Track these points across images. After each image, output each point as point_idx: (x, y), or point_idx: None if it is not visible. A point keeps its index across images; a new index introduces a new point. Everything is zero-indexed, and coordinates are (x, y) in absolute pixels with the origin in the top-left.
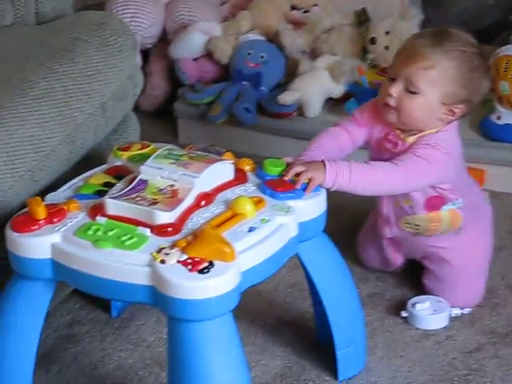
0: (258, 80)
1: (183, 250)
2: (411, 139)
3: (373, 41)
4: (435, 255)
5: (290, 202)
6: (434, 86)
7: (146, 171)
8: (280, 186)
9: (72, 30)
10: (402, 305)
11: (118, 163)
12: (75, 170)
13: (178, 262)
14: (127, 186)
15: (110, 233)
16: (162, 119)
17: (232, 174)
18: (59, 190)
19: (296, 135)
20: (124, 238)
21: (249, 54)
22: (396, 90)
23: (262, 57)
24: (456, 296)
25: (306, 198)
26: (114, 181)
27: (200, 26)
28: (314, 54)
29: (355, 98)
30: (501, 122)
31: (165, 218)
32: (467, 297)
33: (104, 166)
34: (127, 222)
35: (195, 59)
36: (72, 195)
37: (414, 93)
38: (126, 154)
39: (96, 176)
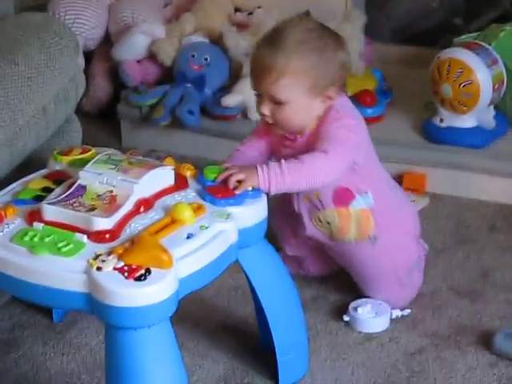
0: (201, 82)
1: (120, 257)
2: (308, 128)
3: None
4: (353, 266)
5: (230, 209)
6: (294, 90)
7: (85, 176)
8: (220, 193)
9: (12, 31)
10: (344, 308)
11: (58, 168)
12: (16, 173)
13: (115, 269)
14: (66, 192)
15: (47, 239)
16: (105, 121)
17: (172, 179)
18: None
19: (240, 138)
20: (61, 244)
21: (192, 56)
22: (266, 108)
23: (206, 59)
24: (383, 299)
25: (246, 204)
26: (53, 186)
27: (143, 27)
28: None
29: None
30: (443, 125)
31: (102, 224)
32: (395, 301)
33: (44, 171)
34: (65, 228)
35: (138, 61)
36: (10, 200)
37: (281, 103)
38: (66, 159)
39: (35, 181)
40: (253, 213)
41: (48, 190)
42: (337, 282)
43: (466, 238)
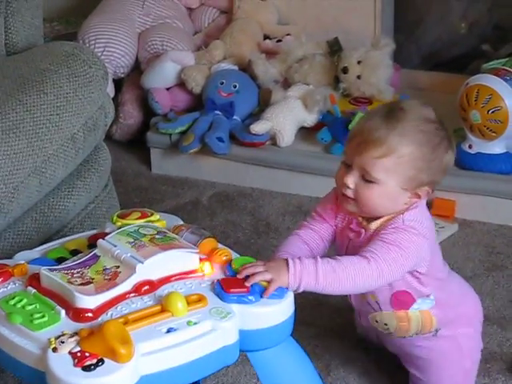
0: (230, 109)
1: (80, 342)
2: (374, 225)
3: (345, 70)
4: (414, 356)
5: (236, 307)
6: (392, 174)
7: (102, 246)
8: (232, 286)
9: (42, 60)
10: None
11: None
12: (46, 200)
13: (70, 353)
14: (81, 259)
15: (29, 307)
16: (135, 149)
17: (195, 264)
18: (33, 250)
19: (269, 164)
20: (36, 315)
21: (221, 83)
22: (352, 180)
23: (235, 86)
24: None
25: (257, 304)
26: (85, 249)
27: (173, 55)
28: (286, 84)
29: (328, 127)
30: (472, 151)
31: (84, 301)
32: None
33: (92, 232)
34: (53, 298)
35: (168, 88)
36: (36, 257)
37: (371, 182)
38: (121, 222)
39: (74, 241)
40: (267, 314)
41: (78, 253)
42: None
43: (496, 264)
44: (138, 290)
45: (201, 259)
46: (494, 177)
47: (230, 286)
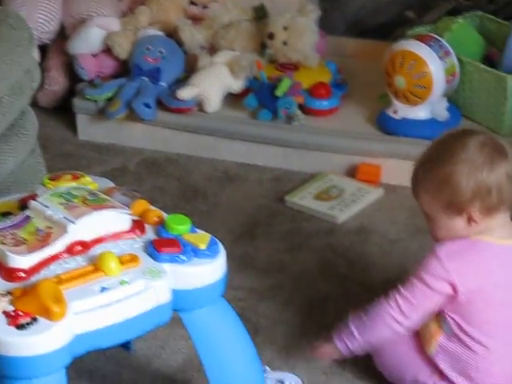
0: (157, 75)
1: (13, 301)
2: None
3: (271, 36)
4: None
5: (168, 266)
6: (432, 206)
7: (34, 207)
8: (165, 246)
9: None
10: None
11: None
12: None
13: (3, 312)
14: (13, 221)
15: None
16: (60, 115)
17: (127, 224)
18: None
19: (196, 130)
20: None
21: (147, 49)
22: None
23: (161, 52)
24: None
25: (191, 264)
26: (16, 211)
27: (98, 20)
28: (213, 50)
29: (254, 92)
30: (397, 116)
31: (16, 261)
32: None
33: (21, 194)
34: None
35: (94, 55)
36: None
37: (428, 217)
38: (52, 184)
39: (6, 203)
40: (200, 273)
41: (8, 215)
42: None
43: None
44: (70, 250)
45: (134, 220)
46: (419, 142)
47: (162, 245)
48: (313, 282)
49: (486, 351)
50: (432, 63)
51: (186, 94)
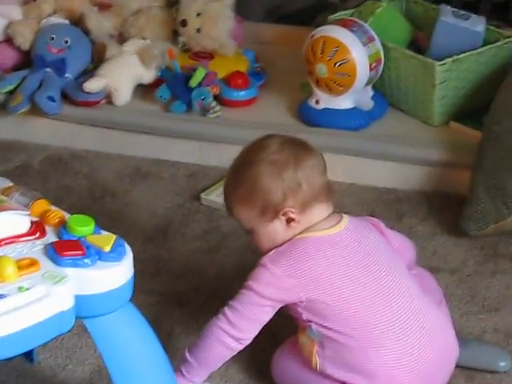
0: (62, 66)
1: None
2: None
3: (183, 23)
4: None
5: (70, 270)
6: (247, 217)
7: None
8: (67, 249)
9: None
10: None
11: None
12: None
13: None
14: None
15: None
16: None
17: (25, 226)
18: None
19: (104, 125)
20: None
21: (51, 38)
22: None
23: (66, 42)
24: None
25: (95, 267)
26: None
27: None
28: (121, 38)
29: (167, 83)
30: (319, 107)
31: None
32: None
33: None
34: None
35: None
36: None
37: (249, 232)
38: None
39: None
40: (104, 277)
41: None
42: None
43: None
44: None
45: (33, 222)
46: (343, 133)
47: (64, 248)
48: (231, 285)
49: (353, 341)
50: (355, 50)
51: (93, 85)
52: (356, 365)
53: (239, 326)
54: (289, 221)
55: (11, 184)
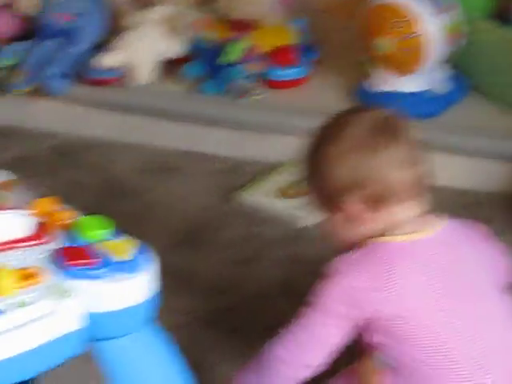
0: (72, 37)
1: None
2: None
3: None
4: None
5: (80, 283)
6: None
7: None
8: (77, 257)
9: None
10: None
11: None
12: None
13: None
14: None
15: None
16: None
17: (29, 229)
18: None
19: (121, 108)
20: None
21: (60, 4)
22: None
23: (78, 7)
24: None
25: (109, 280)
26: None
27: None
28: (146, 4)
29: (198, 59)
30: (381, 89)
31: None
32: None
33: None
34: None
35: None
36: None
37: None
38: None
39: None
40: (121, 292)
41: None
42: None
43: None
44: None
45: (38, 223)
46: (412, 122)
47: (73, 256)
48: (273, 302)
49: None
50: (427, 20)
51: (109, 60)
52: None
53: (299, 354)
54: (352, 217)
55: (13, 178)
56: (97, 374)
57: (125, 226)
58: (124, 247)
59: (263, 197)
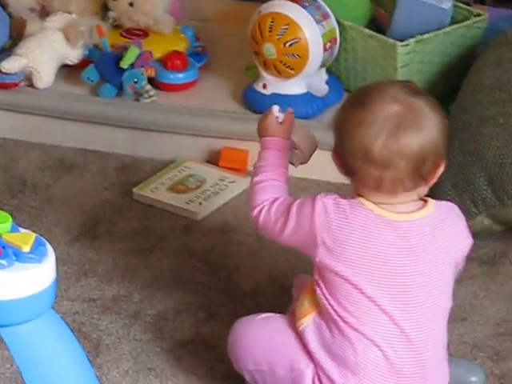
0: None
1: None
2: None
3: None
4: None
5: None
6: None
7: None
8: None
9: None
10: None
11: None
12: None
13: None
14: None
15: None
16: None
17: None
18: None
19: (24, 110)
20: None
21: None
22: None
23: None
24: None
25: (11, 269)
26: None
27: None
28: (44, 12)
29: (95, 64)
30: (267, 92)
31: None
32: None
33: None
34: None
35: None
36: None
37: None
38: None
39: None
40: (23, 281)
41: None
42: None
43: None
44: None
45: None
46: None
47: None
48: (166, 291)
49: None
50: (307, 28)
51: (11, 65)
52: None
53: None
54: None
55: None
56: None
57: (25, 221)
58: (24, 239)
59: (156, 192)
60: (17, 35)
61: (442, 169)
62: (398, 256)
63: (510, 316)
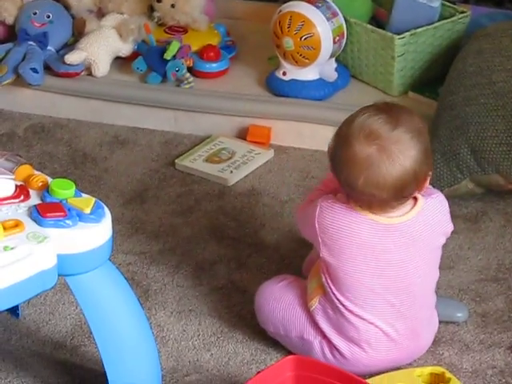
0: (44, 40)
1: None
2: None
3: None
4: None
5: (52, 231)
6: None
7: None
8: (49, 211)
9: None
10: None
11: None
12: None
13: None
14: None
15: None
16: None
17: (10, 190)
18: None
19: (85, 95)
20: None
21: (34, 13)
22: None
23: (48, 16)
24: None
25: (75, 228)
26: None
27: None
28: (100, 13)
29: (143, 56)
30: (286, 78)
31: None
32: None
33: None
34: None
35: None
36: None
37: None
38: None
39: None
40: (85, 237)
41: None
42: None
43: (311, 188)
44: None
45: (18, 186)
46: (308, 103)
47: (46, 210)
48: (204, 245)
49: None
50: (319, 24)
51: (73, 58)
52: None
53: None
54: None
55: None
56: None
57: (86, 188)
58: (85, 203)
59: (194, 162)
60: (78, 33)
61: (429, 178)
62: (392, 253)
63: (489, 264)
